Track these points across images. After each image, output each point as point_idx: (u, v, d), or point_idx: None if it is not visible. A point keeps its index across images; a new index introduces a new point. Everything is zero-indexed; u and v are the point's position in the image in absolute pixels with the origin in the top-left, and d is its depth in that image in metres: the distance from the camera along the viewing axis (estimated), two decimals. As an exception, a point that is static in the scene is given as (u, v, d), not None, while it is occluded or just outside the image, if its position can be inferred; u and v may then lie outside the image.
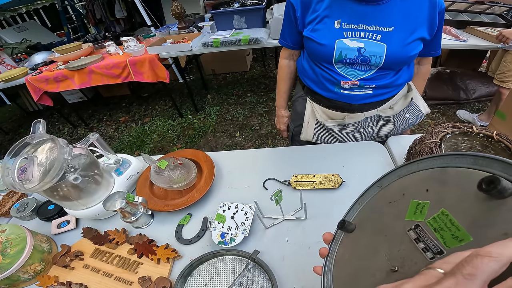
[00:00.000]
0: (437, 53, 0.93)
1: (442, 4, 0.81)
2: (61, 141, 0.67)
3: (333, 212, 0.74)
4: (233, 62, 3.68)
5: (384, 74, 0.86)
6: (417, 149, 0.73)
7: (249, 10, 2.10)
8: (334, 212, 0.74)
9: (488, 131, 0.75)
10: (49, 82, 2.23)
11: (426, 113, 1.02)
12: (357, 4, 0.78)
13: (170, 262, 0.68)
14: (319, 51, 0.84)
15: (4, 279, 0.63)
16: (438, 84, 2.54)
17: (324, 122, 1.00)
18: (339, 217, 0.41)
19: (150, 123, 2.98)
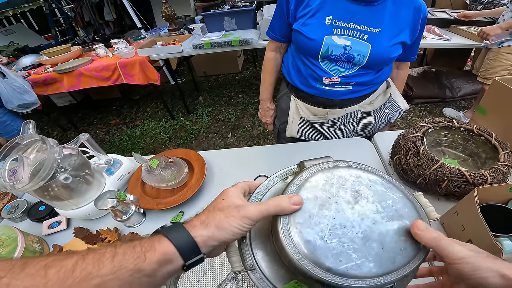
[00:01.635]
0: (413, 58, 0.98)
1: (426, 12, 0.85)
2: (51, 141, 0.67)
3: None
4: (224, 63, 3.69)
5: (364, 73, 0.90)
6: (401, 144, 0.76)
7: (240, 12, 2.12)
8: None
9: (468, 125, 0.79)
10: (37, 85, 2.19)
11: (405, 109, 1.07)
12: (350, 3, 0.81)
13: None
14: (307, 45, 0.87)
15: None
16: (424, 83, 2.62)
17: (308, 118, 1.03)
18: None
19: (141, 125, 2.96)
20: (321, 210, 0.34)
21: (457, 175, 0.65)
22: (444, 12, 2.36)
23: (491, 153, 0.75)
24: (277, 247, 0.34)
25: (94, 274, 0.25)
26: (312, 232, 0.33)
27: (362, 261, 0.31)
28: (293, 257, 0.31)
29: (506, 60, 1.80)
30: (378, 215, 0.35)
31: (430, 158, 0.67)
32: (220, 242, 0.32)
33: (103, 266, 0.26)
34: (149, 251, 0.28)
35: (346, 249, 0.32)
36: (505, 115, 0.82)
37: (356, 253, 0.32)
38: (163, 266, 0.28)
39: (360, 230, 0.33)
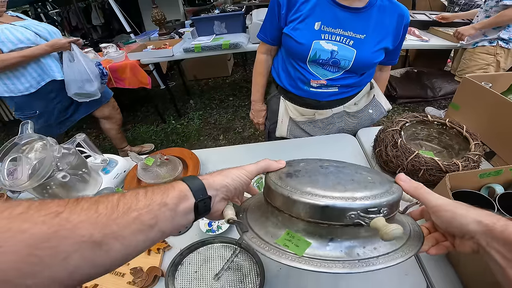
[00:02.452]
0: (394, 62, 1.06)
1: (408, 18, 0.92)
2: (50, 140, 0.70)
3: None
4: (214, 67, 3.73)
5: (349, 76, 0.96)
6: (381, 137, 0.83)
7: (229, 16, 2.18)
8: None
9: (442, 119, 0.86)
10: (25, 90, 2.16)
11: (387, 109, 1.14)
12: (339, 9, 0.86)
13: (161, 253, 0.71)
14: (296, 49, 0.92)
15: None
16: (407, 84, 2.74)
17: (296, 118, 1.08)
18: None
19: (132, 129, 2.96)
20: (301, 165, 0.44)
21: (431, 164, 0.71)
22: (424, 14, 2.49)
23: (463, 144, 0.82)
24: (268, 195, 0.40)
25: (133, 208, 0.30)
26: (293, 172, 0.41)
27: (335, 185, 0.36)
28: (276, 188, 0.38)
29: (481, 60, 1.90)
30: (348, 170, 0.42)
31: (407, 149, 0.73)
32: (222, 185, 0.39)
33: (139, 201, 0.31)
34: (169, 189, 0.35)
35: (323, 179, 0.38)
36: (476, 109, 0.90)
37: (330, 181, 0.38)
38: (181, 202, 0.34)
39: (332, 170, 0.41)
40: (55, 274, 0.25)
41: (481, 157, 0.74)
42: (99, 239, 0.27)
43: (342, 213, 0.33)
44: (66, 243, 0.25)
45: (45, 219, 0.25)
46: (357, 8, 0.85)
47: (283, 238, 0.35)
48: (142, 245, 0.31)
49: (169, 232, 0.34)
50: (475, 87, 0.88)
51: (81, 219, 0.27)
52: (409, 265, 0.61)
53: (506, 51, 1.81)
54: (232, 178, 0.40)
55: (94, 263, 0.28)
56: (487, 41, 1.85)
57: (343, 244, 0.34)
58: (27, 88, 1.54)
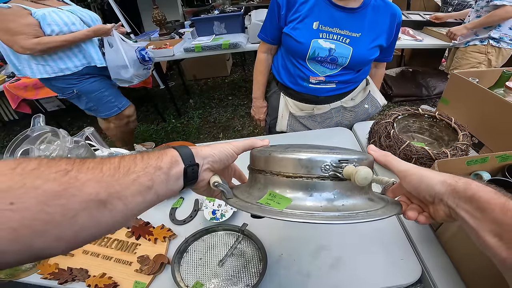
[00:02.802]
0: (389, 59, 1.11)
1: (400, 17, 0.97)
2: (62, 132, 0.74)
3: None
4: (213, 67, 3.77)
5: (346, 73, 1.01)
6: (375, 129, 0.87)
7: (229, 17, 2.23)
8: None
9: (432, 113, 0.91)
10: (27, 89, 2.20)
11: (383, 104, 1.19)
12: (335, 10, 0.91)
13: (166, 241, 0.74)
14: (296, 48, 0.97)
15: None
16: (402, 83, 2.80)
17: (296, 113, 1.13)
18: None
19: (133, 128, 2.99)
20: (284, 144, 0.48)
21: (422, 153, 0.76)
22: (418, 14, 2.55)
23: (452, 135, 0.87)
24: (252, 163, 0.44)
25: (131, 170, 0.31)
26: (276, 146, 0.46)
27: (311, 149, 0.40)
28: (259, 152, 0.42)
29: (472, 58, 1.96)
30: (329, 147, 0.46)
31: (399, 139, 0.78)
32: (209, 155, 0.41)
33: (137, 164, 0.33)
34: (163, 155, 0.36)
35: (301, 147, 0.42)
36: (464, 103, 0.94)
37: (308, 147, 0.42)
38: (173, 166, 0.36)
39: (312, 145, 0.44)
40: (62, 232, 0.25)
41: (468, 147, 0.79)
42: (105, 198, 0.28)
43: (317, 164, 0.36)
44: (74, 201, 0.26)
45: (56, 176, 0.25)
46: (352, 8, 0.90)
47: (266, 198, 0.37)
48: (139, 207, 0.32)
49: (163, 195, 0.35)
50: (463, 82, 0.93)
51: (88, 177, 0.27)
52: (404, 251, 0.64)
53: (497, 50, 1.87)
54: (219, 150, 0.43)
55: (99, 222, 0.28)
56: (478, 40, 1.91)
57: (323, 198, 0.36)
58: (62, 70, 1.54)
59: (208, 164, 0.41)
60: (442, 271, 0.59)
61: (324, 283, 0.60)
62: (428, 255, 0.62)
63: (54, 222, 0.24)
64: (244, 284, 0.62)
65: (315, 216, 0.33)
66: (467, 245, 0.54)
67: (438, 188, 0.35)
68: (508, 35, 1.81)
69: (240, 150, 0.45)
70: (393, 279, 0.59)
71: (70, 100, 1.75)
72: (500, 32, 1.82)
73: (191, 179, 0.39)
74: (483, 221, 0.31)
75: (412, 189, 0.39)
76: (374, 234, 0.69)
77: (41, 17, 1.37)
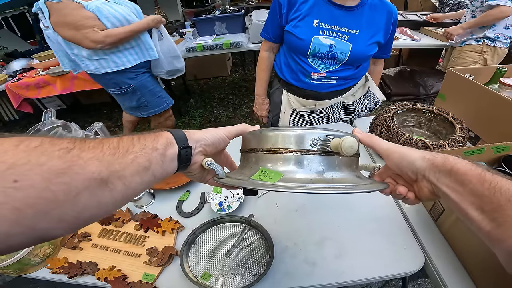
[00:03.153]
0: (387, 56, 1.14)
1: (396, 15, 1.01)
2: (74, 125, 0.76)
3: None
4: (214, 67, 3.80)
5: (346, 69, 1.04)
6: (375, 123, 0.90)
7: (230, 17, 2.25)
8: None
9: (429, 107, 0.94)
10: (29, 89, 2.21)
11: (382, 100, 1.23)
12: (334, 8, 0.95)
13: (174, 233, 0.75)
14: (298, 44, 1.00)
15: (14, 263, 0.64)
16: (400, 82, 2.83)
17: (298, 109, 1.16)
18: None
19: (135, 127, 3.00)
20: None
21: (421, 145, 0.78)
22: (415, 14, 2.59)
23: (450, 129, 0.90)
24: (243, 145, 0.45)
25: (130, 150, 0.31)
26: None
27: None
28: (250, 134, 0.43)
29: (468, 57, 2.00)
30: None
31: (399, 132, 0.81)
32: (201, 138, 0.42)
33: (134, 145, 0.32)
34: (158, 136, 0.37)
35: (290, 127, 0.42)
36: (461, 99, 0.98)
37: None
38: (168, 148, 0.36)
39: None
40: (65, 212, 0.25)
41: (465, 139, 0.82)
42: (106, 177, 0.28)
43: (306, 139, 0.38)
44: (77, 179, 0.25)
45: (60, 154, 0.25)
46: (350, 6, 0.94)
47: (258, 174, 0.38)
48: (138, 187, 0.32)
49: (159, 177, 0.36)
50: (459, 79, 0.96)
51: (89, 156, 0.27)
52: (407, 240, 0.66)
53: (492, 49, 1.90)
54: (212, 134, 0.43)
55: (100, 202, 0.28)
56: (474, 40, 1.94)
57: (312, 171, 0.37)
58: (124, 63, 1.50)
59: (201, 147, 0.42)
60: (444, 259, 0.61)
61: (330, 271, 0.63)
62: (430, 244, 0.65)
63: (58, 201, 0.24)
64: (251, 274, 0.64)
65: (306, 187, 0.34)
66: (468, 234, 0.57)
67: (418, 163, 0.36)
68: (503, 35, 1.85)
69: (232, 135, 0.46)
70: (397, 267, 0.61)
71: (119, 96, 1.67)
72: (495, 32, 1.85)
73: (184, 161, 0.39)
74: (464, 194, 0.32)
75: (395, 167, 0.40)
76: (377, 224, 0.72)
77: (96, 10, 1.31)
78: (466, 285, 0.56)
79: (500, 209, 0.28)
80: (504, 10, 1.72)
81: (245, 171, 0.42)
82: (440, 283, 0.58)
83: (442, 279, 0.57)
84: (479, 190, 0.30)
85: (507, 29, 1.83)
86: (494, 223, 0.29)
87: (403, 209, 0.74)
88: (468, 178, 0.31)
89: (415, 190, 0.40)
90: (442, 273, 0.58)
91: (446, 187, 0.33)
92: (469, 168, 0.32)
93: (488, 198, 0.29)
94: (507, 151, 0.68)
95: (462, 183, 0.32)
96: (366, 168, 0.46)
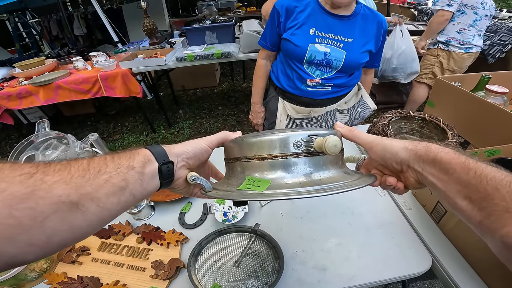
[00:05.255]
0: (377, 65, 1.20)
1: (386, 26, 1.07)
2: (71, 137, 0.73)
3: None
4: (202, 77, 3.80)
5: (340, 76, 1.08)
6: (372, 130, 0.93)
7: (220, 27, 2.28)
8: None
9: (421, 115, 0.99)
10: (11, 99, 2.10)
11: (373, 109, 1.28)
12: (329, 17, 1.00)
13: (179, 245, 0.73)
14: (294, 52, 1.03)
15: (10, 278, 0.62)
16: (385, 90, 2.96)
17: (294, 116, 1.18)
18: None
19: (121, 139, 2.92)
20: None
21: (418, 151, 0.82)
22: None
23: (441, 135, 0.94)
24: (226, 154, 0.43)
25: (102, 171, 0.30)
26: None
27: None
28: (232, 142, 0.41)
29: (427, 61, 2.16)
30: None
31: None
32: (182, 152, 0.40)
33: (107, 165, 0.31)
34: (134, 154, 0.35)
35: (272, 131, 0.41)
36: (449, 105, 1.03)
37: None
38: (146, 165, 0.35)
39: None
40: (34, 237, 0.24)
41: (458, 144, 0.86)
42: (76, 199, 0.27)
43: (289, 142, 0.37)
44: (43, 203, 0.25)
45: (21, 179, 0.24)
46: (344, 15, 1.00)
47: (245, 184, 0.37)
48: (115, 208, 0.31)
49: (139, 196, 0.34)
50: (446, 86, 1.02)
51: (55, 179, 0.26)
52: (412, 242, 0.68)
53: (447, 53, 2.02)
54: (192, 146, 0.41)
55: (71, 225, 0.27)
56: (432, 44, 2.11)
57: (300, 174, 0.37)
58: None
59: (183, 161, 0.40)
60: (450, 259, 0.63)
61: (342, 275, 0.63)
62: (435, 245, 0.66)
63: (24, 226, 0.23)
64: (262, 283, 0.63)
65: (295, 192, 0.33)
66: (471, 233, 0.59)
67: (401, 154, 0.36)
68: (456, 39, 1.95)
69: (214, 144, 0.44)
70: (406, 269, 0.63)
71: None
72: (447, 36, 1.97)
73: (167, 177, 0.38)
74: (450, 183, 0.31)
75: (379, 159, 0.40)
76: (381, 228, 0.73)
77: None
78: (474, 282, 0.58)
79: (488, 198, 0.28)
80: (443, 13, 1.84)
81: (232, 181, 0.41)
82: (450, 282, 0.59)
83: (452, 278, 0.59)
84: (465, 179, 0.30)
85: (460, 33, 1.92)
86: (483, 212, 0.29)
87: (405, 212, 0.77)
88: (452, 167, 0.31)
89: (402, 180, 0.40)
90: (451, 272, 0.60)
91: (432, 176, 0.33)
92: (452, 157, 0.32)
93: (475, 186, 0.29)
94: (498, 154, 0.73)
95: (447, 172, 0.31)
96: (352, 160, 0.46)
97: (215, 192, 0.40)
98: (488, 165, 0.30)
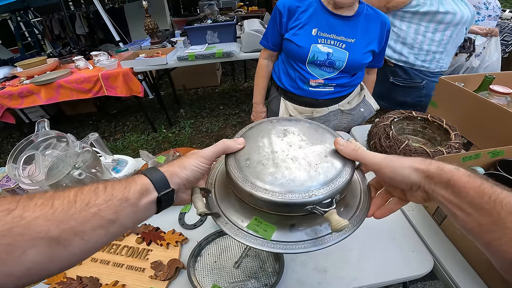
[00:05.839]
0: (380, 65, 1.19)
1: (389, 25, 1.06)
2: (70, 136, 0.72)
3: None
4: (203, 77, 3.79)
5: (343, 76, 1.07)
6: (374, 131, 0.92)
7: (222, 26, 2.28)
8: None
9: (424, 115, 0.98)
10: (12, 98, 2.11)
11: (376, 109, 1.27)
12: (332, 17, 0.99)
13: (179, 246, 0.73)
14: (297, 52, 1.03)
15: None
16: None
17: (296, 116, 1.17)
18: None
19: (122, 138, 2.92)
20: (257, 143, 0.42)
21: (420, 151, 0.81)
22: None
23: (444, 135, 0.93)
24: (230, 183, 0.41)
25: (91, 203, 0.29)
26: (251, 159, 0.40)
27: (294, 176, 0.37)
28: (238, 183, 0.38)
29: None
30: (303, 142, 0.42)
31: (398, 139, 0.83)
32: (183, 179, 0.38)
33: (98, 196, 0.30)
34: (131, 183, 0.34)
35: (279, 169, 0.38)
36: (452, 106, 1.02)
37: (288, 170, 0.38)
38: (143, 197, 0.34)
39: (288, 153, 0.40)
40: (11, 269, 0.25)
41: (461, 145, 0.85)
42: (57, 235, 0.27)
43: (300, 207, 0.36)
44: (21, 239, 0.25)
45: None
46: (347, 16, 0.98)
47: (252, 224, 0.38)
48: (103, 239, 0.30)
49: (131, 226, 0.33)
50: (449, 86, 1.01)
51: (35, 215, 0.26)
52: (414, 244, 0.67)
53: None
54: (191, 170, 0.39)
55: (53, 258, 0.27)
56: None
57: (303, 227, 0.39)
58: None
59: (184, 186, 0.39)
60: (452, 260, 0.62)
61: (342, 277, 0.62)
62: (437, 247, 0.66)
63: (1, 259, 0.24)
64: (262, 284, 0.63)
65: (298, 246, 0.37)
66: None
67: (413, 177, 0.34)
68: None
69: (212, 160, 0.42)
70: (407, 271, 0.62)
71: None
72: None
73: (165, 205, 0.37)
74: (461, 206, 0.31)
75: (388, 181, 0.38)
76: (382, 229, 0.72)
77: None
78: (476, 284, 0.57)
79: (499, 222, 0.28)
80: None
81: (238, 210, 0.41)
82: (451, 284, 0.59)
83: (453, 279, 0.58)
84: (478, 203, 0.29)
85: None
86: (493, 234, 0.29)
87: (406, 214, 0.76)
88: (466, 191, 0.30)
89: (407, 196, 0.39)
90: (452, 274, 0.59)
91: (442, 198, 0.33)
92: (467, 180, 0.31)
93: (488, 211, 0.29)
94: (501, 155, 0.72)
95: (459, 195, 0.31)
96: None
97: (224, 223, 0.41)
98: (504, 190, 0.29)
